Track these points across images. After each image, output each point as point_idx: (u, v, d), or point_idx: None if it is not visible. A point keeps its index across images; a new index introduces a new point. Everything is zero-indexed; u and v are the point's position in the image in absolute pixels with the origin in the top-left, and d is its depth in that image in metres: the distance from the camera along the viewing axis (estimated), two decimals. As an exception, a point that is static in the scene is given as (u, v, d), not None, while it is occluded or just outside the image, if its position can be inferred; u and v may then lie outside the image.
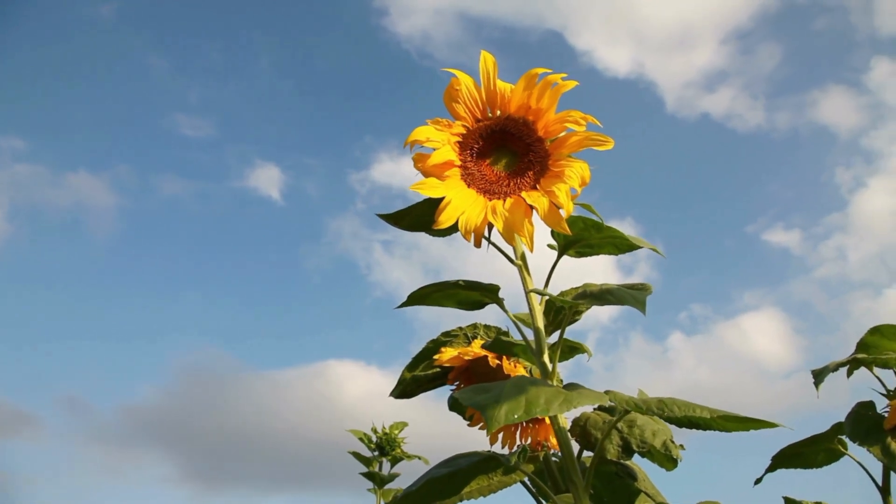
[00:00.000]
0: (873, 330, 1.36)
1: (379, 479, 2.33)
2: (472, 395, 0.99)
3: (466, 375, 1.48)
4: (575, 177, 1.03)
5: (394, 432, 2.35)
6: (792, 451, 1.44)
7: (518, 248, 1.18)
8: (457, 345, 1.49)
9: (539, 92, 1.05)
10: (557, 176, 1.05)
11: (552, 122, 1.06)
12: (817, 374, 1.39)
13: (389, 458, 2.37)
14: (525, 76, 1.05)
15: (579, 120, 1.04)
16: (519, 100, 1.06)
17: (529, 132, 1.08)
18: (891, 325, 1.34)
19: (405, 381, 1.51)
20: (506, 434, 1.42)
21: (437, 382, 1.52)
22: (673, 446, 1.38)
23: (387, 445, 2.33)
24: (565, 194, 1.03)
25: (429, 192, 1.05)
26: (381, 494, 2.31)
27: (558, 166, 1.06)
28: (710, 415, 1.07)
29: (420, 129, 1.06)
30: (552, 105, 1.05)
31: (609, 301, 1.08)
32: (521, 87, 1.05)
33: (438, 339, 1.51)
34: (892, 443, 1.25)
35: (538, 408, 0.91)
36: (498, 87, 1.06)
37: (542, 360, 1.16)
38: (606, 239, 1.20)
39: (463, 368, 1.46)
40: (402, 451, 2.34)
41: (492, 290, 1.21)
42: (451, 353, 1.40)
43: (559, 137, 1.07)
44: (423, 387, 1.54)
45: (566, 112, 1.05)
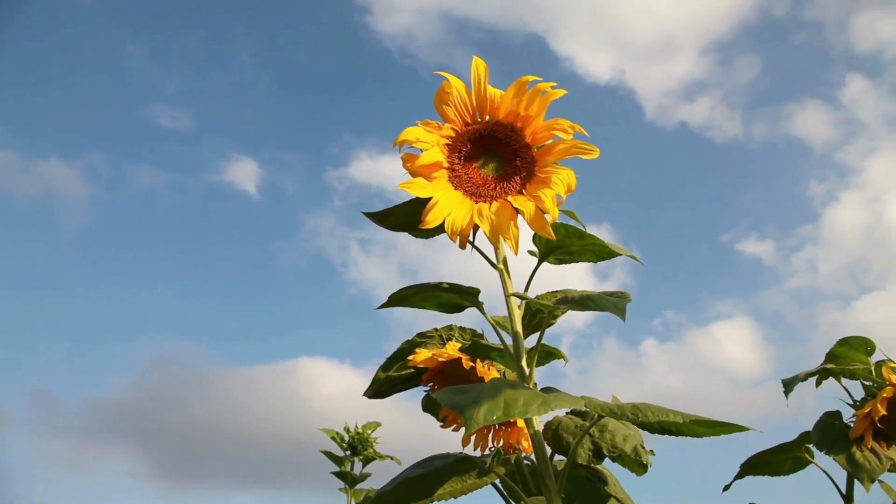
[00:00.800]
0: (842, 341, 1.40)
1: (350, 479, 2.31)
2: (450, 395, 0.99)
3: (440, 377, 1.48)
4: (561, 183, 1.04)
5: (366, 432, 2.34)
6: (760, 459, 1.47)
7: (501, 252, 1.19)
8: (432, 346, 1.49)
9: (528, 99, 1.06)
10: (544, 182, 1.06)
11: (540, 129, 1.07)
12: (787, 384, 1.42)
13: (361, 457, 2.35)
14: (515, 83, 1.06)
15: (567, 128, 1.05)
16: (508, 106, 1.07)
17: (518, 138, 1.09)
18: (859, 336, 1.38)
19: (379, 381, 1.51)
20: (479, 436, 1.42)
21: (410, 383, 1.52)
22: (643, 451, 1.40)
23: (359, 445, 2.31)
24: (551, 200, 1.04)
25: (416, 191, 1.05)
26: (353, 494, 2.29)
27: (545, 172, 1.07)
28: (682, 420, 1.09)
29: (410, 130, 1.06)
30: (541, 113, 1.06)
31: (590, 307, 1.09)
32: (510, 94, 1.06)
33: (413, 339, 1.51)
34: (857, 452, 1.29)
35: (516, 409, 0.92)
36: (488, 93, 1.07)
37: (519, 364, 1.17)
38: (587, 246, 1.21)
39: (437, 370, 1.46)
40: (374, 451, 2.33)
41: (472, 294, 1.22)
42: (425, 355, 1.40)
43: (546, 144, 1.09)
44: (397, 387, 1.53)
45: (554, 120, 1.06)
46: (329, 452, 2.38)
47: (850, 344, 1.39)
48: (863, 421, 1.31)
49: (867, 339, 1.38)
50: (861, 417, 1.32)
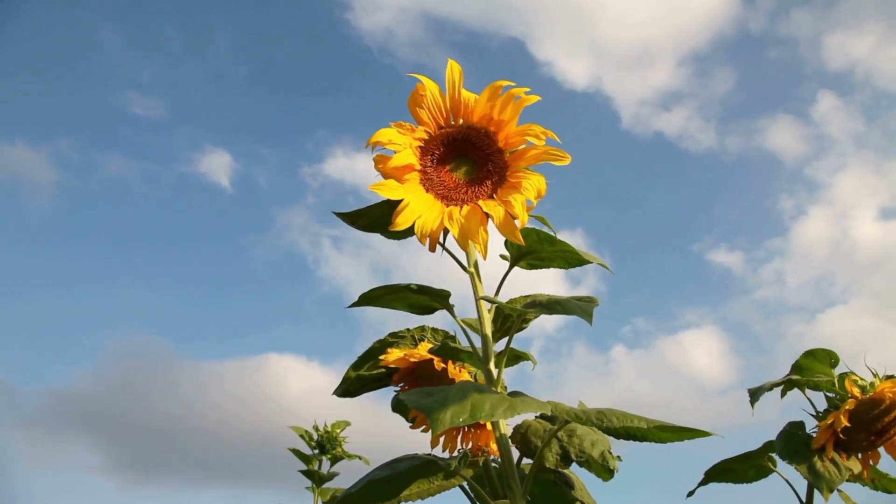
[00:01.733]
0: (807, 353, 1.42)
1: (318, 478, 2.30)
2: (417, 397, 0.99)
3: (411, 378, 1.48)
4: (532, 189, 1.04)
5: (335, 431, 2.32)
6: (724, 467, 1.48)
7: (471, 256, 1.19)
8: (403, 346, 1.48)
9: (502, 104, 1.06)
10: (515, 187, 1.06)
11: (513, 134, 1.08)
12: (753, 393, 1.44)
13: (330, 456, 2.34)
14: (489, 87, 1.06)
15: (539, 134, 1.06)
16: (482, 110, 1.07)
17: (490, 142, 1.09)
18: (824, 349, 1.40)
19: (349, 380, 1.50)
20: (447, 438, 1.42)
21: (381, 383, 1.52)
22: (610, 457, 1.41)
23: (328, 444, 2.30)
24: (521, 205, 1.04)
25: (388, 193, 1.05)
26: (320, 493, 2.28)
27: (516, 178, 1.07)
28: (646, 425, 1.10)
29: (383, 131, 1.06)
30: (514, 118, 1.07)
31: (558, 311, 1.10)
32: (484, 98, 1.06)
33: (385, 339, 1.50)
34: (818, 462, 1.31)
35: (483, 413, 0.92)
36: (462, 97, 1.07)
37: (488, 367, 1.18)
38: (558, 252, 1.22)
39: (408, 370, 1.46)
40: (342, 451, 2.32)
41: (443, 296, 1.22)
42: (397, 355, 1.40)
43: (518, 150, 1.09)
44: (368, 386, 1.53)
45: (527, 125, 1.07)
46: (297, 451, 2.37)
47: (815, 356, 1.41)
48: (825, 432, 1.33)
49: (831, 351, 1.40)
50: (823, 428, 1.33)
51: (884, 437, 1.35)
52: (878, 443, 1.36)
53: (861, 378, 1.37)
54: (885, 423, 1.33)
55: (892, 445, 1.37)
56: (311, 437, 2.35)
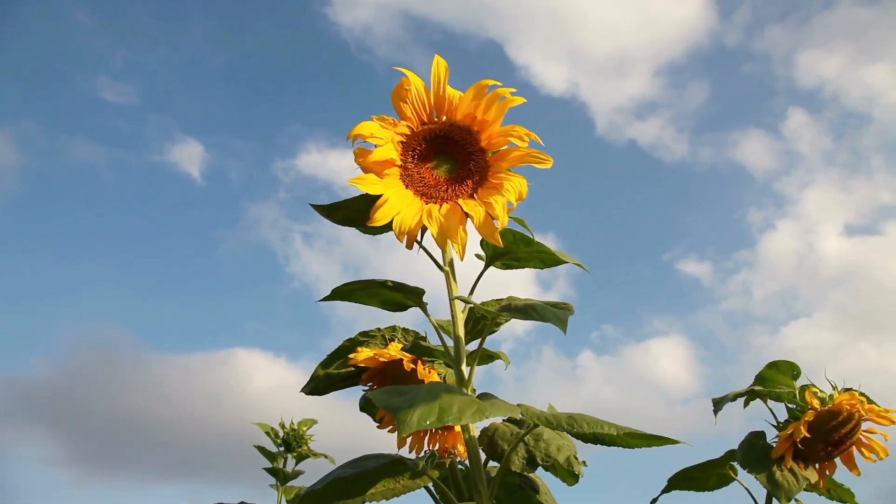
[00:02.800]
0: (771, 365, 1.45)
1: (282, 476, 2.26)
2: (386, 396, 0.98)
3: (380, 377, 1.47)
4: (513, 190, 1.04)
5: (302, 429, 2.29)
6: (687, 474, 1.51)
7: (448, 255, 1.19)
8: (373, 345, 1.47)
9: (487, 104, 1.06)
10: (496, 188, 1.06)
11: (496, 134, 1.08)
12: (717, 403, 1.46)
13: (295, 454, 2.31)
14: (475, 86, 1.06)
15: (523, 136, 1.06)
16: (466, 108, 1.07)
17: (473, 141, 1.09)
18: (787, 361, 1.43)
19: (318, 378, 1.49)
20: (414, 438, 1.41)
21: (349, 381, 1.51)
22: (576, 462, 1.41)
23: (293, 442, 2.27)
24: (502, 207, 1.04)
25: (367, 187, 1.04)
26: (284, 491, 2.24)
27: (497, 178, 1.07)
28: (616, 432, 1.10)
29: (365, 124, 1.05)
30: (498, 118, 1.07)
31: (532, 317, 1.10)
32: (469, 97, 1.06)
33: (355, 338, 1.49)
34: (777, 472, 1.33)
35: (451, 416, 0.92)
36: (447, 93, 1.06)
37: (459, 368, 1.17)
38: (534, 253, 1.22)
39: (378, 370, 1.45)
40: (308, 449, 2.29)
41: (417, 294, 1.21)
42: (366, 354, 1.39)
43: (501, 150, 1.09)
44: (336, 385, 1.52)
45: (511, 126, 1.07)
46: (262, 448, 2.34)
47: (778, 368, 1.44)
48: (785, 442, 1.36)
49: (794, 363, 1.44)
50: (783, 438, 1.36)
51: (840, 448, 1.39)
52: (835, 454, 1.39)
53: (821, 390, 1.40)
54: (842, 434, 1.36)
55: (848, 456, 1.41)
56: (277, 435, 2.32)
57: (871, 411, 1.35)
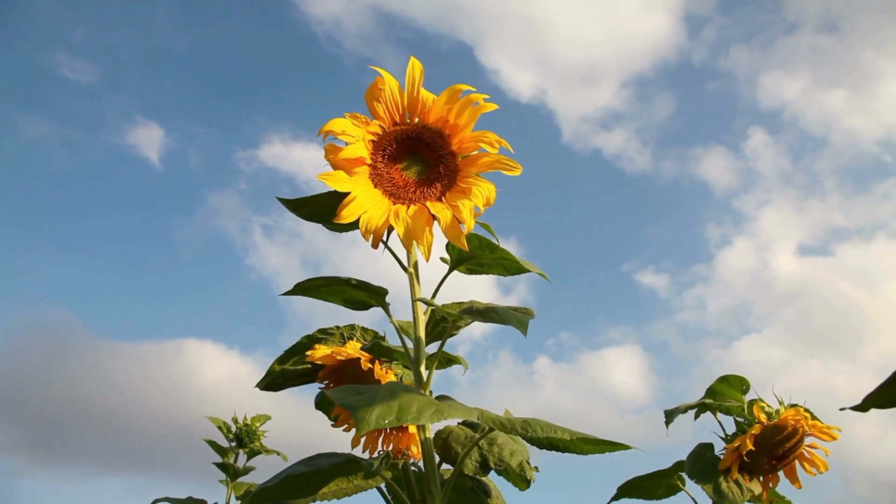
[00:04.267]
0: (721, 379, 1.49)
1: (233, 471, 2.23)
2: (345, 394, 0.98)
3: (337, 375, 1.46)
4: (481, 196, 1.05)
5: (255, 424, 2.25)
6: (636, 483, 1.53)
7: (413, 256, 1.19)
8: (331, 343, 1.47)
9: (459, 108, 1.06)
10: (464, 192, 1.06)
11: (467, 139, 1.08)
12: (669, 414, 1.49)
13: (247, 450, 2.28)
14: (448, 90, 1.06)
15: (493, 142, 1.06)
16: (439, 112, 1.07)
17: (444, 144, 1.10)
18: (737, 375, 1.47)
19: (274, 374, 1.47)
20: (369, 438, 1.41)
21: (305, 378, 1.50)
22: (528, 467, 1.42)
23: (246, 437, 2.23)
24: (469, 211, 1.05)
25: (335, 184, 1.03)
26: (233, 487, 2.20)
27: (466, 183, 1.08)
28: (569, 437, 1.12)
29: (337, 121, 1.05)
30: (470, 123, 1.07)
31: (494, 320, 1.11)
32: (442, 100, 1.07)
33: (314, 335, 1.48)
34: (723, 483, 1.37)
35: (409, 416, 0.92)
36: (421, 96, 1.07)
37: (418, 370, 1.18)
38: (498, 260, 1.23)
39: (334, 368, 1.44)
40: (261, 445, 2.25)
41: (380, 294, 1.21)
42: (324, 351, 1.38)
43: (471, 155, 1.10)
44: (292, 381, 1.50)
45: (482, 132, 1.07)
46: (213, 442, 2.29)
47: (729, 382, 1.48)
48: (731, 454, 1.40)
49: (744, 378, 1.48)
50: (730, 451, 1.40)
51: (784, 461, 1.43)
52: (779, 467, 1.44)
53: (768, 405, 1.44)
54: (786, 448, 1.40)
55: (790, 470, 1.45)
56: (230, 430, 2.28)
57: (814, 427, 1.40)
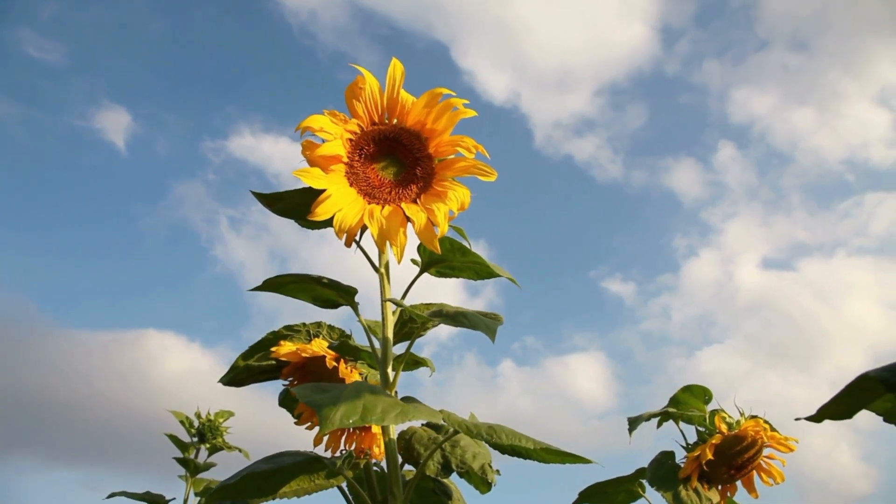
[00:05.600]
0: (685, 388, 1.51)
1: (193, 467, 2.19)
2: (310, 392, 0.97)
3: (301, 373, 1.45)
4: (456, 200, 1.06)
5: (218, 420, 2.22)
6: (597, 489, 1.55)
7: (384, 257, 1.18)
8: (297, 340, 1.45)
9: (438, 112, 1.07)
10: (439, 196, 1.06)
11: (445, 143, 1.08)
12: (632, 422, 1.51)
13: (209, 446, 2.25)
14: (428, 93, 1.06)
15: (470, 147, 1.07)
16: (418, 114, 1.07)
17: (421, 147, 1.10)
18: (700, 386, 1.50)
19: (237, 369, 1.45)
20: (331, 437, 1.40)
21: (269, 375, 1.48)
22: (490, 470, 1.43)
23: (209, 433, 2.19)
24: (444, 215, 1.05)
25: (311, 181, 1.02)
26: (193, 483, 2.17)
27: (442, 186, 1.08)
28: (533, 446, 1.12)
29: (316, 118, 1.04)
30: (448, 127, 1.08)
31: (463, 324, 1.11)
32: (422, 103, 1.07)
33: (280, 331, 1.47)
34: (683, 491, 1.39)
35: (374, 416, 0.92)
36: (401, 97, 1.07)
37: (385, 371, 1.17)
38: (469, 264, 1.23)
39: (299, 365, 1.43)
40: (223, 441, 2.22)
41: (350, 293, 1.21)
42: (289, 348, 1.37)
43: (448, 159, 1.10)
44: (256, 377, 1.49)
45: (459, 137, 1.08)
46: (174, 436, 2.26)
47: (692, 392, 1.50)
48: (692, 463, 1.42)
49: (707, 389, 1.50)
50: (691, 459, 1.42)
51: (742, 471, 1.45)
52: (737, 477, 1.46)
53: (729, 416, 1.46)
54: (745, 458, 1.43)
55: (748, 480, 1.48)
56: (192, 424, 2.25)
57: (772, 438, 1.43)
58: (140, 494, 1.91)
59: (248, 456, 2.21)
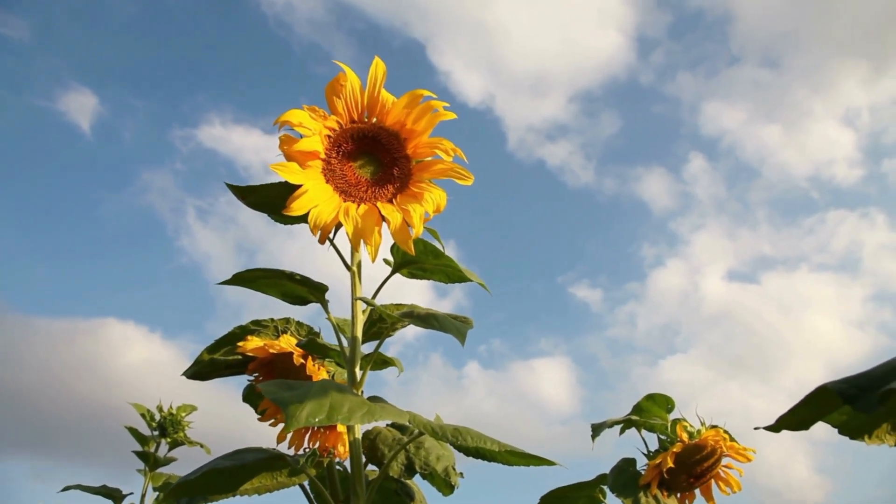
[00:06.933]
0: (648, 397, 1.53)
1: (153, 461, 2.14)
2: (276, 389, 0.97)
3: (267, 369, 1.44)
4: (432, 202, 1.06)
5: (180, 414, 2.18)
6: (559, 493, 1.56)
7: (357, 256, 1.18)
8: (265, 335, 1.44)
9: (418, 113, 1.07)
10: (416, 197, 1.07)
11: (423, 144, 1.09)
12: (595, 428, 1.53)
13: (170, 440, 2.20)
14: (409, 94, 1.07)
15: (449, 150, 1.07)
16: (398, 115, 1.08)
17: (399, 148, 1.10)
18: (663, 395, 1.52)
19: (202, 363, 1.44)
20: (296, 435, 1.39)
21: (235, 370, 1.47)
22: (453, 473, 1.43)
23: (170, 427, 2.15)
24: (420, 216, 1.05)
25: (288, 176, 1.02)
26: (152, 478, 2.13)
27: (419, 188, 1.08)
28: (498, 448, 1.13)
29: (295, 112, 1.03)
30: (427, 129, 1.08)
31: (434, 326, 1.11)
32: (402, 103, 1.07)
33: (247, 326, 1.45)
34: (643, 498, 1.41)
35: (340, 415, 0.92)
36: (381, 96, 1.07)
37: (352, 370, 1.17)
38: (441, 266, 1.23)
39: (266, 361, 1.42)
40: (185, 436, 2.18)
41: (320, 290, 1.20)
42: (256, 343, 1.36)
43: (426, 161, 1.10)
44: (220, 372, 1.47)
45: (438, 139, 1.08)
46: (134, 429, 2.21)
47: (655, 400, 1.53)
48: (652, 470, 1.44)
49: (669, 398, 1.52)
50: (652, 467, 1.44)
51: (701, 480, 1.48)
52: (696, 485, 1.49)
53: (690, 425, 1.49)
54: (704, 467, 1.46)
55: (706, 488, 1.51)
56: (153, 418, 2.20)
57: (731, 448, 1.46)
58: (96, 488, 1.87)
59: (210, 451, 2.17)
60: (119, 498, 2.00)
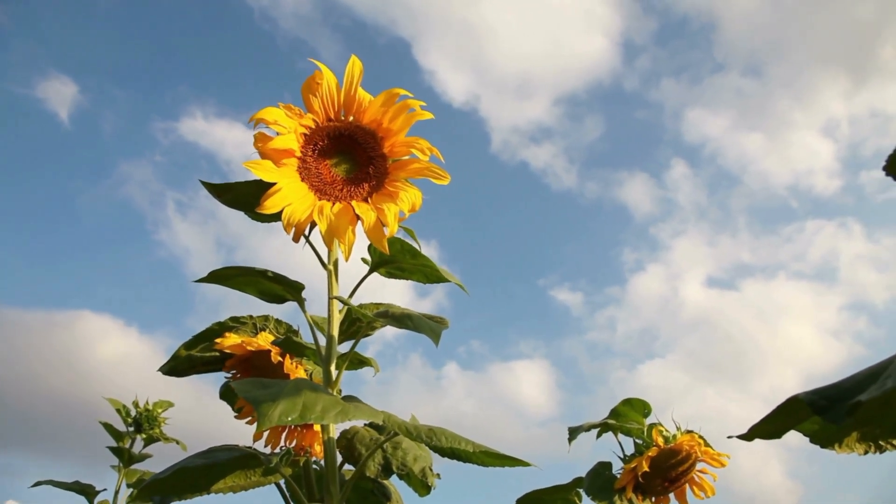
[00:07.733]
0: (626, 401, 1.54)
1: (128, 457, 2.12)
2: (250, 387, 0.96)
3: (245, 366, 1.43)
4: (407, 201, 1.06)
5: (157, 410, 2.16)
6: (535, 496, 1.56)
7: (333, 254, 1.18)
8: (243, 332, 1.43)
9: (395, 112, 1.07)
10: (391, 196, 1.06)
11: (399, 143, 1.08)
12: (572, 432, 1.53)
13: (145, 436, 2.18)
14: (385, 93, 1.06)
15: (425, 150, 1.07)
16: (374, 113, 1.07)
17: (376, 146, 1.09)
18: (640, 399, 1.53)
19: (179, 359, 1.43)
20: (272, 433, 1.39)
21: (212, 366, 1.46)
22: (430, 474, 1.43)
23: (146, 423, 2.13)
24: (394, 215, 1.05)
25: (262, 174, 1.01)
26: (126, 474, 2.11)
27: (394, 187, 1.07)
28: (472, 449, 1.13)
29: (270, 110, 1.03)
30: (404, 128, 1.08)
31: (408, 326, 1.11)
32: (378, 102, 1.07)
33: (225, 322, 1.44)
34: (618, 501, 1.42)
35: (314, 414, 0.91)
36: (358, 95, 1.06)
37: (328, 368, 1.16)
38: (419, 266, 1.23)
39: (244, 358, 1.41)
40: (161, 432, 2.15)
41: (296, 289, 1.20)
42: (234, 340, 1.36)
43: (402, 160, 1.10)
44: (197, 368, 1.46)
45: (415, 138, 1.08)
46: (109, 425, 2.18)
47: (632, 405, 1.53)
48: (628, 474, 1.45)
49: (646, 402, 1.53)
50: (627, 471, 1.45)
51: (676, 484, 1.49)
52: (671, 489, 1.50)
53: (666, 429, 1.49)
54: (679, 472, 1.46)
55: (681, 493, 1.51)
56: (129, 413, 2.17)
57: (706, 453, 1.46)
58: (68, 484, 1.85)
59: (186, 448, 2.16)
60: (92, 494, 1.98)
